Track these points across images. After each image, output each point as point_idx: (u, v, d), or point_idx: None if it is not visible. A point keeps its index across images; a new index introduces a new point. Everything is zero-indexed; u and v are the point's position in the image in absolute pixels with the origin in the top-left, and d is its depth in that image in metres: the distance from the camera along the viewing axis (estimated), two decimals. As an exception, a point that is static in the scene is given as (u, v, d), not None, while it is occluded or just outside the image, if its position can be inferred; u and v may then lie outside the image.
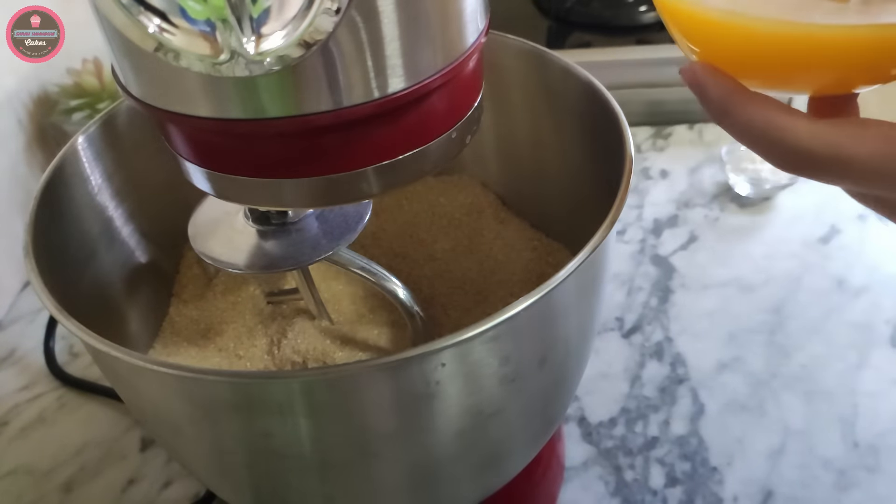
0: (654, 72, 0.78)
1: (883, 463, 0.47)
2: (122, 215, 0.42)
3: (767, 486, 0.46)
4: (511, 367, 0.30)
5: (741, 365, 0.53)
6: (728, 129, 0.25)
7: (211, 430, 0.31)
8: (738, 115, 0.24)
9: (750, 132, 0.24)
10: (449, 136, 0.28)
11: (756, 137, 0.24)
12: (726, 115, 0.25)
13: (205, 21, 0.22)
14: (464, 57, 0.26)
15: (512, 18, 0.89)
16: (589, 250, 0.29)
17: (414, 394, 0.28)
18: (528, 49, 0.43)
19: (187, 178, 0.30)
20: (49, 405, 0.54)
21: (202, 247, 0.35)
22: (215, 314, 0.44)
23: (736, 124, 0.24)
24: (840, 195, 0.28)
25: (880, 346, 0.54)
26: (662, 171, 0.72)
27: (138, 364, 0.27)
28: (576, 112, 0.41)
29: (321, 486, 0.33)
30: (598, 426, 0.50)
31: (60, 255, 0.36)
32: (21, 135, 0.63)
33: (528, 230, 0.48)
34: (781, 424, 0.49)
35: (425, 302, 0.43)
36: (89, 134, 0.39)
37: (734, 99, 0.24)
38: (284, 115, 0.24)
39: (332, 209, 0.35)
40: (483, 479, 0.37)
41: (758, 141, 0.24)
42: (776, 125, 0.23)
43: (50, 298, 0.29)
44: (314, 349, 0.40)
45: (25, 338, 0.59)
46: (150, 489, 0.48)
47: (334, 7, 0.22)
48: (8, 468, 0.50)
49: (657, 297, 0.59)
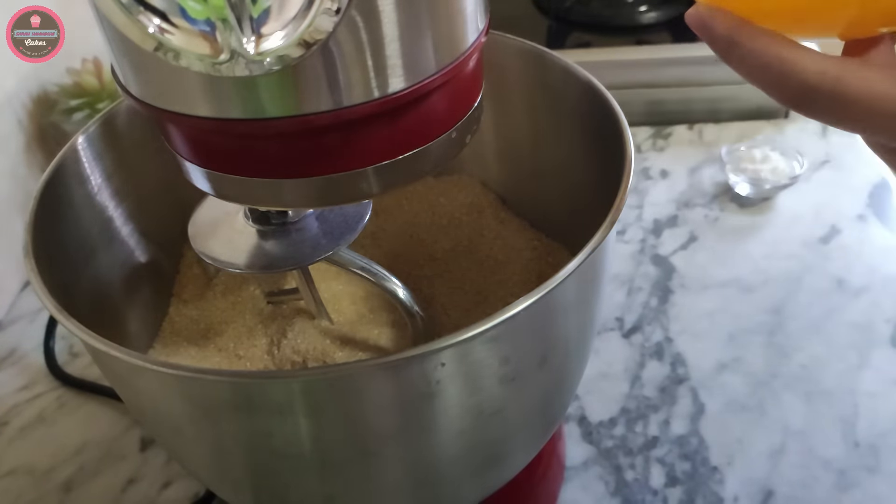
0: (654, 72, 0.78)
1: (883, 463, 0.47)
2: (121, 215, 0.41)
3: (767, 486, 0.46)
4: (511, 367, 0.30)
5: (741, 365, 0.53)
6: (734, 63, 0.24)
7: (211, 430, 0.31)
8: (744, 47, 0.24)
9: (757, 65, 0.24)
10: (449, 136, 0.28)
11: (762, 70, 0.24)
12: (734, 48, 0.24)
13: (205, 21, 0.22)
14: (464, 57, 0.26)
15: (512, 18, 0.89)
16: (589, 250, 0.29)
17: (414, 394, 0.28)
18: (528, 49, 0.43)
19: (187, 178, 0.30)
20: (49, 405, 0.54)
21: (202, 247, 0.35)
22: (215, 314, 0.44)
23: (744, 57, 0.24)
24: (840, 195, 0.28)
25: (880, 346, 0.54)
26: (662, 171, 0.72)
27: (138, 364, 0.27)
28: (576, 112, 0.41)
29: (321, 486, 0.33)
30: (598, 426, 0.50)
31: (60, 255, 0.36)
32: (21, 135, 0.63)
33: (528, 230, 0.48)
34: (781, 424, 0.49)
35: (425, 302, 0.43)
36: (89, 134, 0.39)
37: (742, 31, 0.24)
38: (284, 115, 0.24)
39: (332, 209, 0.35)
40: (483, 479, 0.37)
41: (763, 74, 0.24)
42: (783, 57, 0.23)
43: (50, 298, 0.29)
44: (314, 349, 0.40)
45: (25, 338, 0.59)
46: (150, 489, 0.48)
47: (334, 7, 0.22)
48: (8, 468, 0.50)
49: (657, 297, 0.59)
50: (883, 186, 0.68)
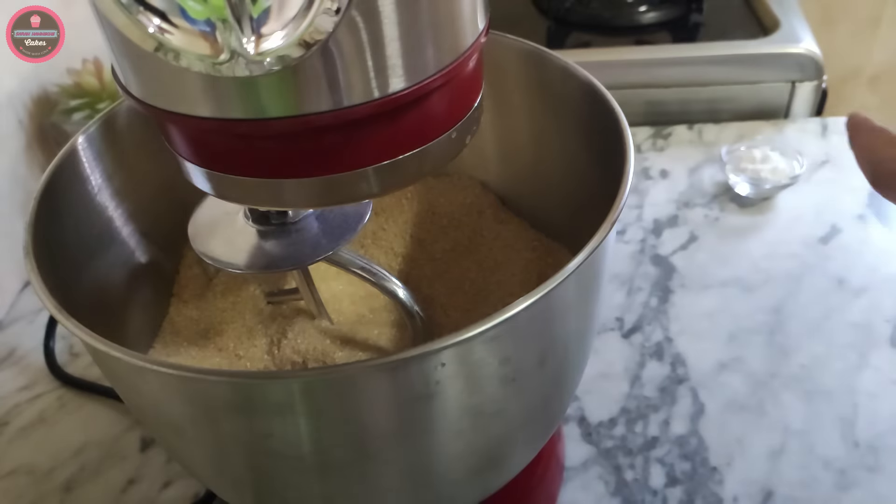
0: (653, 72, 0.78)
1: (883, 463, 0.47)
2: (122, 215, 0.42)
3: (767, 486, 0.46)
4: (511, 367, 0.30)
5: (741, 365, 0.53)
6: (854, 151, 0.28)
7: (211, 431, 0.31)
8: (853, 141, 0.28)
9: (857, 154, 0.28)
10: (449, 136, 0.28)
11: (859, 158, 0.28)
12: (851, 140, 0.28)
13: (205, 21, 0.22)
14: (464, 57, 0.26)
15: (512, 18, 0.89)
16: (589, 250, 0.29)
17: (414, 394, 0.28)
18: (528, 49, 0.43)
19: (187, 178, 0.30)
20: (49, 405, 0.54)
21: (202, 247, 0.35)
22: (215, 314, 0.44)
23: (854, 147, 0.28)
24: (840, 195, 0.29)
25: (880, 346, 0.54)
26: (662, 171, 0.72)
27: (138, 364, 0.27)
28: (576, 112, 0.41)
29: (321, 487, 0.33)
30: (598, 426, 0.50)
31: (60, 255, 0.36)
32: (21, 135, 0.63)
33: (528, 230, 0.48)
34: (781, 424, 0.49)
35: (425, 302, 0.43)
36: (89, 134, 0.39)
37: None
38: (284, 116, 0.24)
39: (332, 209, 0.35)
40: (483, 479, 0.37)
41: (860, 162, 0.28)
42: None
43: (50, 298, 0.29)
44: (314, 349, 0.40)
45: (25, 338, 0.59)
46: (150, 489, 0.48)
47: (334, 7, 0.22)
48: (8, 468, 0.50)
49: (657, 297, 0.59)
50: (883, 186, 0.67)
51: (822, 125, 0.77)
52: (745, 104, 0.78)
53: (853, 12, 1.15)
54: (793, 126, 0.77)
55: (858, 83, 1.22)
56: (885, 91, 1.23)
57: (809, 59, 0.76)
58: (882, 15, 1.15)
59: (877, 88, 1.23)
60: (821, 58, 0.76)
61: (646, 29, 0.86)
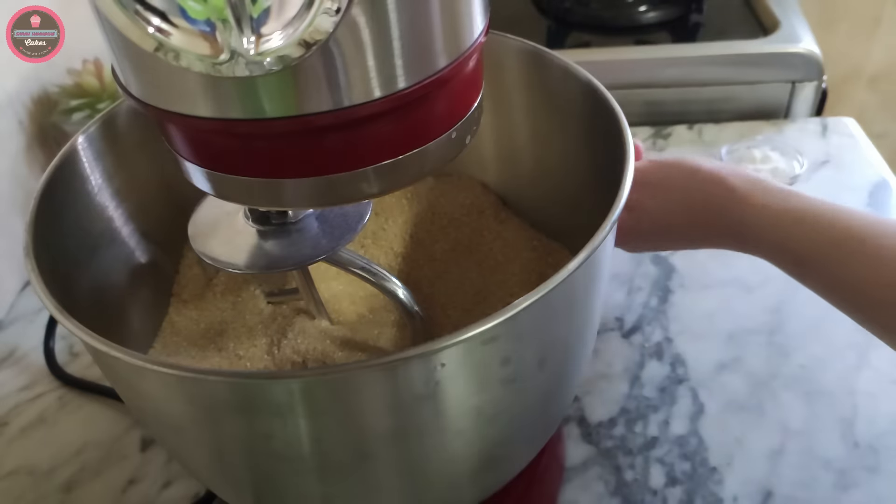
0: (653, 72, 0.78)
1: (883, 463, 0.47)
2: (122, 215, 0.42)
3: (767, 487, 0.46)
4: (511, 368, 0.30)
5: (741, 365, 0.53)
6: None
7: (211, 431, 0.31)
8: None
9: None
10: (449, 136, 0.28)
11: None
12: None
13: (205, 21, 0.22)
14: (463, 57, 0.26)
15: (512, 18, 0.89)
16: (589, 250, 0.29)
17: (414, 394, 0.28)
18: (528, 49, 0.43)
19: (187, 178, 0.30)
20: (49, 405, 0.54)
21: (202, 247, 0.35)
22: (215, 314, 0.44)
23: None
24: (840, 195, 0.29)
25: (880, 346, 0.54)
26: (662, 172, 0.72)
27: (138, 364, 0.27)
28: (576, 112, 0.41)
29: (321, 486, 0.33)
30: (598, 426, 0.50)
31: (61, 255, 0.36)
32: (21, 135, 0.64)
33: (528, 230, 0.48)
34: (781, 424, 0.49)
35: (425, 302, 0.43)
36: (89, 134, 0.39)
37: None
38: (284, 116, 0.24)
39: (332, 209, 0.35)
40: (482, 480, 0.37)
41: None
42: None
43: (50, 298, 0.29)
44: (314, 349, 0.40)
45: (25, 338, 0.59)
46: (150, 489, 0.48)
47: (334, 7, 0.22)
48: (8, 468, 0.50)
49: (657, 297, 0.59)
50: (883, 186, 0.68)
51: (822, 125, 0.77)
52: (745, 104, 0.78)
53: (853, 12, 1.15)
54: (793, 126, 0.77)
55: (858, 83, 1.22)
56: (885, 91, 1.22)
57: (809, 59, 0.76)
58: (882, 15, 1.15)
59: (876, 88, 1.22)
60: (821, 58, 0.76)
61: (646, 29, 0.86)
